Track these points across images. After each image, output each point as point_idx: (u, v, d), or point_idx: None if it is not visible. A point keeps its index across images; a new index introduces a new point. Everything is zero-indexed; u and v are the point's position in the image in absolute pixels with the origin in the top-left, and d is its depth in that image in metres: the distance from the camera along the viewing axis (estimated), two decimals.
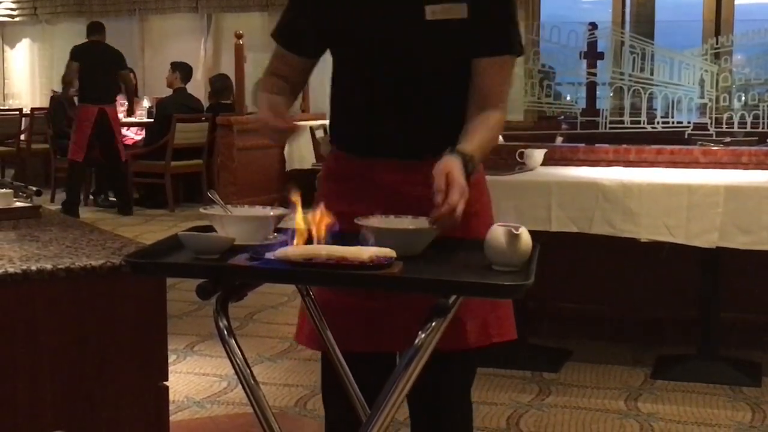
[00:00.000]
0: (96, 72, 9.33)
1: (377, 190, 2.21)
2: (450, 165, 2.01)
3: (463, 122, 2.20)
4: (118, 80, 9.63)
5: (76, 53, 9.44)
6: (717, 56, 5.55)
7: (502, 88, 2.26)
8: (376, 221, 1.98)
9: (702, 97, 5.55)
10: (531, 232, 1.86)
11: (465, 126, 2.19)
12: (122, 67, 9.63)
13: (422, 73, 2.21)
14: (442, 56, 2.22)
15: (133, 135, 10.57)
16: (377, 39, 2.21)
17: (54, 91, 10.96)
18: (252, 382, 1.85)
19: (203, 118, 9.84)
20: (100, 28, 9.77)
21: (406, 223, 1.99)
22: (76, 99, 9.72)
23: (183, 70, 10.14)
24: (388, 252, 1.78)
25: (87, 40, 9.64)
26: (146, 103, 11.08)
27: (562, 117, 6.27)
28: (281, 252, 1.78)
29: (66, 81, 9.60)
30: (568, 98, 6.36)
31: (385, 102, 2.23)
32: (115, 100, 9.62)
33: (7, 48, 13.55)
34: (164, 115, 9.71)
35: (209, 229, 1.96)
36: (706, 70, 5.53)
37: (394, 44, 2.20)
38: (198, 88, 10.92)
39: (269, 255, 1.79)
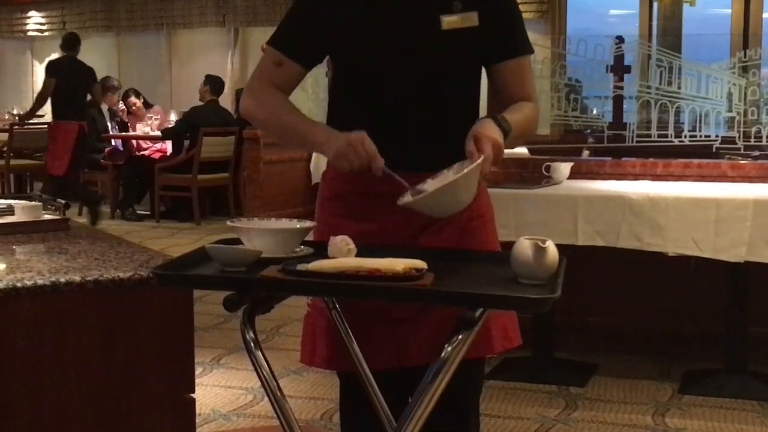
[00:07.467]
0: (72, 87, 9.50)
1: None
2: (480, 127, 2.06)
3: None
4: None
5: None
6: (745, 69, 5.53)
7: (528, 86, 2.30)
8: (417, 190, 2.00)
9: (730, 110, 5.53)
10: (557, 246, 1.86)
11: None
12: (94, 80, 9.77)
13: (440, 83, 2.21)
14: (460, 66, 2.23)
15: (159, 148, 10.61)
16: (394, 51, 2.19)
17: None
18: (278, 394, 1.85)
19: (229, 132, 9.89)
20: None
21: (448, 176, 2.00)
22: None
23: (213, 83, 10.21)
24: (419, 264, 1.79)
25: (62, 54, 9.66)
26: (173, 117, 11.12)
27: (589, 131, 6.26)
28: (315, 264, 1.78)
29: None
30: (595, 112, 6.34)
31: (402, 115, 2.21)
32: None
33: (36, 62, 13.66)
34: (194, 123, 9.79)
35: (236, 241, 1.97)
36: (734, 84, 5.51)
37: (411, 56, 2.19)
38: (225, 101, 10.96)
39: (301, 267, 1.79)
